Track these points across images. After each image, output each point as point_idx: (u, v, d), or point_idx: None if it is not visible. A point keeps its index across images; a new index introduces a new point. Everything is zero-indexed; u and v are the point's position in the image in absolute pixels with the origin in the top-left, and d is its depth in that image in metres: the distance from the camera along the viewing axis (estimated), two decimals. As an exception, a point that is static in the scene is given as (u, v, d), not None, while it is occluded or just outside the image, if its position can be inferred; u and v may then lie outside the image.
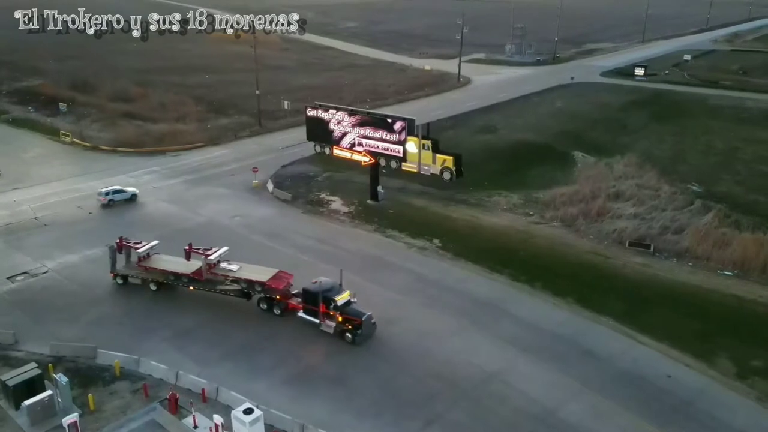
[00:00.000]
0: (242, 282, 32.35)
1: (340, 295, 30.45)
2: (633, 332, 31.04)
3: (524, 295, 34.54)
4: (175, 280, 33.60)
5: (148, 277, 34.16)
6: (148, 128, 65.41)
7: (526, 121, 71.79)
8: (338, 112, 47.91)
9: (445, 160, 48.70)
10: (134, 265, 34.93)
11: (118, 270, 34.83)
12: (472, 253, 38.96)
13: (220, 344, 29.65)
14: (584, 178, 52.14)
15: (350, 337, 29.50)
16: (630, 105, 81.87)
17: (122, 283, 34.66)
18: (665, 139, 66.86)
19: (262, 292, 32.06)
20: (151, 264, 34.60)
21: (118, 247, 34.92)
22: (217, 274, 33.16)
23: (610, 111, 78.61)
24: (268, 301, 32.07)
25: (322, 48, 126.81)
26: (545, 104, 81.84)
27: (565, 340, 30.25)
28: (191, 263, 33.60)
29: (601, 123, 72.70)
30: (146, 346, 29.22)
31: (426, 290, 34.71)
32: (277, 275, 32.47)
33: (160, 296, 33.97)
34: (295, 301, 32.00)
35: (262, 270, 32.81)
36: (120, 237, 35.35)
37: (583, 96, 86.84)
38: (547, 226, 43.76)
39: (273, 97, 74.63)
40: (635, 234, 41.37)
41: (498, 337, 30.25)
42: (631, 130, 70.35)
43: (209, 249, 33.64)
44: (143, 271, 34.45)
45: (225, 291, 32.79)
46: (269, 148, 61.90)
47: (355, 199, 48.15)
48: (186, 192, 49.92)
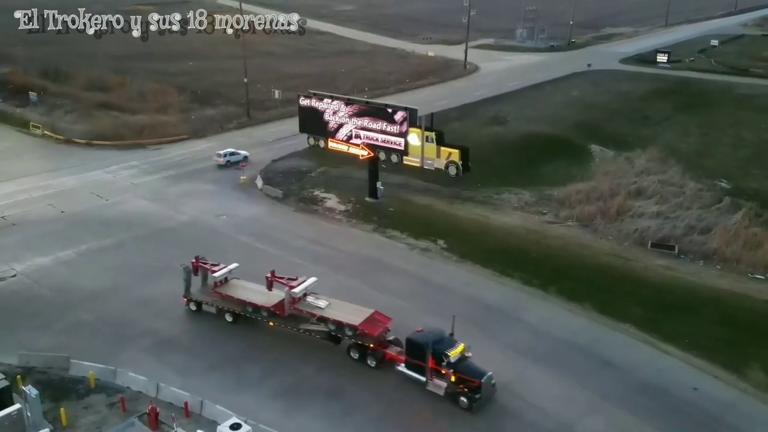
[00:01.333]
0: (330, 323, 29.50)
1: (453, 349, 26.88)
2: (656, 341, 30.97)
3: (537, 301, 34.49)
4: (253, 312, 31.25)
5: (224, 306, 31.90)
6: (127, 120, 65.45)
7: (539, 112, 71.82)
8: (334, 101, 47.71)
9: (451, 153, 48.65)
10: (210, 291, 32.73)
11: (192, 295, 32.71)
12: (480, 255, 38.90)
13: (205, 354, 29.56)
14: (602, 174, 52.19)
15: (466, 402, 26.09)
16: (652, 94, 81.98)
17: (196, 309, 32.63)
18: (690, 132, 66.90)
19: (354, 337, 28.94)
20: (227, 291, 32.28)
21: (193, 267, 32.74)
22: (301, 310, 30.34)
23: (630, 101, 78.67)
24: (361, 349, 28.89)
25: (316, 33, 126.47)
26: (560, 94, 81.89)
27: (582, 350, 30.17)
28: (272, 294, 31.18)
29: (620, 114, 72.77)
30: (124, 356, 29.09)
31: (430, 295, 34.66)
32: (371, 318, 29.37)
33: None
34: (393, 351, 28.69)
35: (354, 310, 29.92)
36: (197, 256, 32.98)
37: (601, 85, 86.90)
38: (561, 226, 43.72)
39: (263, 85, 74.66)
40: (658, 234, 41.34)
41: (508, 346, 30.19)
42: (653, 121, 70.42)
43: (295, 279, 30.87)
44: (219, 298, 32.16)
45: (310, 331, 30.17)
46: (258, 141, 61.96)
47: (353, 197, 48.12)
48: (167, 189, 49.91)
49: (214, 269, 32.70)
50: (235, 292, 32.13)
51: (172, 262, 37.28)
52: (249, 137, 63.55)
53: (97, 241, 40.37)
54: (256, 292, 31.83)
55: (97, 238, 40.79)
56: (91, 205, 46.36)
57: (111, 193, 48.48)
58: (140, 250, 39.32)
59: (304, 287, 30.72)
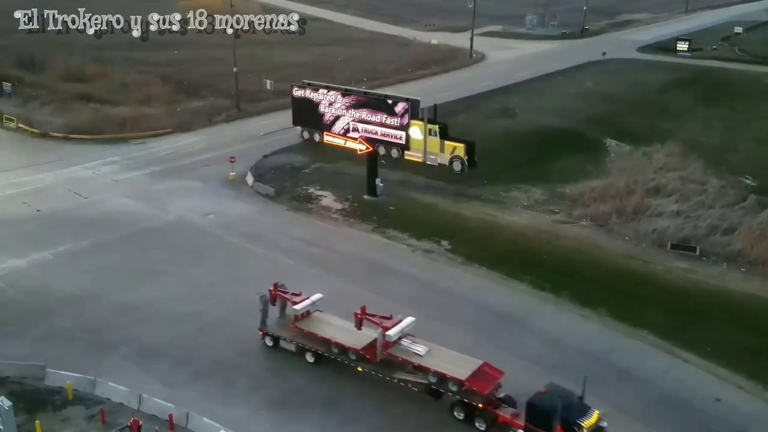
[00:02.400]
0: (430, 374, 26.68)
1: (586, 418, 23.78)
2: (676, 349, 30.88)
3: (549, 306, 34.43)
4: (339, 354, 28.73)
5: (306, 344, 29.49)
6: (108, 112, 65.36)
7: (551, 104, 71.82)
8: (330, 91, 47.70)
9: (455, 148, 48.71)
10: (289, 325, 30.30)
11: (269, 328, 30.56)
12: (488, 257, 38.83)
13: (190, 362, 29.48)
14: (618, 170, 52.08)
15: None
16: (671, 85, 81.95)
17: (273, 345, 30.43)
18: (713, 125, 66.84)
19: (459, 394, 26.12)
20: (310, 326, 29.80)
21: (271, 296, 30.51)
22: (396, 356, 27.58)
23: (648, 92, 78.66)
24: (467, 408, 26.08)
25: (312, 19, 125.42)
26: (572, 84, 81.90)
27: (597, 359, 30.07)
28: (362, 334, 28.52)
29: (637, 106, 72.74)
30: (104, 364, 29.01)
31: (433, 300, 34.58)
32: (480, 371, 26.47)
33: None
34: (507, 413, 25.74)
35: (459, 359, 27.13)
36: (275, 283, 30.67)
37: (617, 75, 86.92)
38: (575, 226, 43.66)
39: (253, 75, 74.64)
40: (678, 235, 41.23)
41: (518, 354, 30.09)
42: (672, 114, 70.35)
43: (389, 317, 28.17)
44: (299, 334, 29.79)
45: (405, 382, 27.46)
46: (249, 134, 61.89)
47: (350, 194, 48.09)
48: (151, 186, 49.89)
49: (294, 300, 30.17)
50: (318, 329, 29.55)
51: (156, 265, 37.62)
52: (239, 131, 63.49)
53: (76, 242, 40.28)
54: (342, 330, 29.24)
55: (76, 238, 40.70)
56: (69, 203, 46.26)
57: (91, 191, 48.38)
58: (122, 252, 39.23)
59: (400, 329, 27.85)
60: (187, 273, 36.91)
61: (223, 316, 32.90)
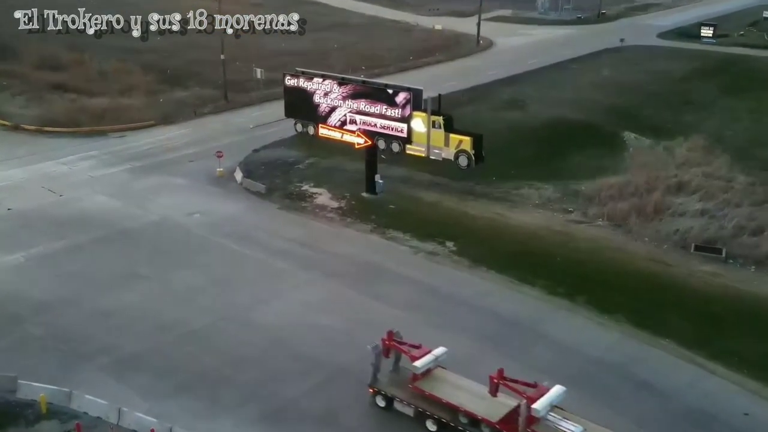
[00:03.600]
0: None
1: None
2: (701, 359, 30.80)
3: (563, 313, 34.38)
4: (469, 425, 25.60)
5: (426, 408, 26.32)
6: (85, 103, 65.28)
7: (564, 95, 71.94)
8: (325, 80, 47.62)
9: (462, 141, 48.29)
10: (406, 384, 27.16)
11: (381, 385, 27.51)
12: (496, 260, 38.79)
13: (173, 373, 29.35)
14: (638, 166, 52.09)
15: None
16: (695, 74, 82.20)
17: (385, 406, 27.29)
18: (740, 117, 66.88)
19: None
20: (432, 388, 26.62)
21: (384, 347, 27.51)
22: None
23: (669, 82, 78.86)
24: None
25: (305, 2, 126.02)
26: (588, 73, 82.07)
27: (616, 370, 30.03)
28: (497, 402, 25.67)
29: (658, 97, 72.91)
30: (80, 376, 28.88)
31: (438, 306, 34.53)
32: None
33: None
34: None
35: None
36: (389, 332, 27.50)
37: (636, 63, 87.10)
38: (590, 226, 43.66)
39: (243, 63, 74.55)
40: (703, 236, 41.19)
41: (530, 365, 29.73)
42: (696, 105, 70.52)
43: (533, 385, 25.12)
44: (419, 396, 26.58)
45: None
46: (238, 127, 61.88)
47: (347, 192, 48.09)
48: (132, 183, 49.85)
49: (413, 355, 26.95)
50: (442, 391, 26.36)
51: (137, 268, 37.53)
52: (226, 123, 63.41)
53: (50, 244, 40.16)
54: (472, 395, 26.21)
55: (50, 239, 40.59)
56: (42, 201, 46.15)
57: (66, 188, 48.30)
58: (99, 255, 39.15)
59: (548, 401, 24.62)
60: (169, 277, 36.81)
61: (208, 323, 32.77)
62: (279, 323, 32.80)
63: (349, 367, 29.33)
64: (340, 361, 29.80)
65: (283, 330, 32.28)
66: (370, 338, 27.72)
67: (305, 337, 31.71)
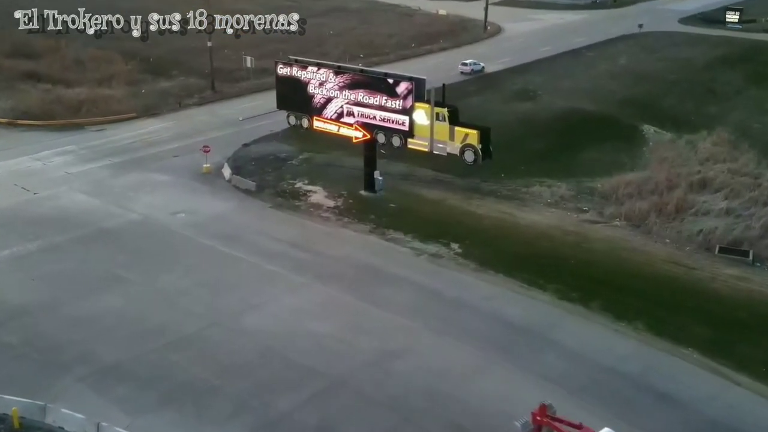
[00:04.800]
0: None
1: None
2: (726, 369, 30.72)
3: (576, 319, 34.32)
4: None
5: None
6: (61, 94, 65.40)
7: (578, 85, 72.19)
8: (320, 69, 47.51)
9: (468, 135, 48.17)
10: None
11: None
12: (504, 262, 38.77)
13: (157, 384, 29.28)
14: (657, 162, 52.31)
15: None
16: (719, 62, 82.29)
17: None
18: (767, 109, 66.81)
19: None
20: None
21: (535, 423, 24.92)
22: None
23: (691, 70, 79.00)
24: None
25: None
26: (604, 61, 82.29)
27: (633, 380, 29.97)
28: None
29: (679, 87, 73.13)
30: (56, 387, 28.81)
31: (441, 312, 34.50)
32: None
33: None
34: None
35: None
36: (542, 405, 24.75)
37: (655, 50, 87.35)
38: (606, 226, 43.68)
39: (231, 51, 74.70)
40: (728, 237, 41.22)
41: (540, 375, 29.99)
42: (720, 96, 70.76)
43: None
44: None
45: None
46: (226, 120, 61.97)
47: (344, 190, 48.14)
48: (112, 180, 49.86)
49: None
50: None
51: (117, 271, 37.55)
52: (214, 115, 63.50)
53: (24, 245, 40.19)
54: None
55: (24, 240, 40.62)
56: (15, 199, 46.20)
57: (41, 185, 48.33)
58: (77, 256, 39.16)
59: None
60: (152, 280, 36.82)
61: (194, 330, 32.74)
62: (271, 330, 32.75)
63: (347, 378, 29.37)
64: (337, 371, 29.77)
65: (276, 337, 32.25)
66: (369, 346, 27.70)
67: (299, 345, 31.67)
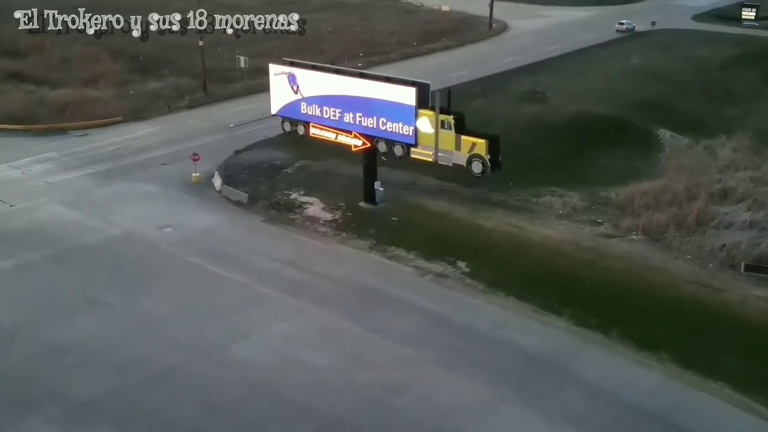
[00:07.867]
0: None
1: None
2: (760, 406, 29.52)
3: (595, 348, 33.10)
4: None
5: None
6: (44, 95, 65.34)
7: (589, 86, 72.18)
8: (318, 72, 47.04)
9: (475, 144, 47.24)
10: None
11: None
12: (516, 284, 37.73)
13: (136, 423, 28.15)
14: (675, 169, 51.68)
15: None
16: (736, 61, 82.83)
17: None
18: (790, 112, 66.97)
19: None
20: None
21: None
22: None
23: (708, 70, 79.35)
24: None
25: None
26: (615, 61, 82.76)
27: (658, 419, 28.86)
28: None
29: (695, 88, 73.26)
30: (22, 427, 27.78)
31: (448, 341, 33.37)
32: None
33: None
34: None
35: None
36: None
37: (670, 49, 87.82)
38: (623, 241, 42.68)
39: (224, 50, 74.97)
40: (753, 252, 39.99)
41: (556, 413, 28.91)
42: (739, 97, 70.91)
43: None
44: None
45: None
46: (217, 125, 61.39)
47: (342, 201, 47.41)
48: (94, 190, 49.27)
49: None
50: None
51: (95, 293, 36.38)
52: (205, 119, 62.91)
53: (-6, 263, 39.43)
54: None
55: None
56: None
57: (17, 196, 47.54)
58: (52, 276, 38.20)
59: None
60: (134, 304, 35.78)
61: (179, 361, 31.59)
62: (261, 362, 31.63)
63: (344, 417, 28.22)
64: (334, 409, 28.54)
65: (266, 370, 31.10)
66: (369, 380, 26.58)
67: (292, 379, 30.57)
